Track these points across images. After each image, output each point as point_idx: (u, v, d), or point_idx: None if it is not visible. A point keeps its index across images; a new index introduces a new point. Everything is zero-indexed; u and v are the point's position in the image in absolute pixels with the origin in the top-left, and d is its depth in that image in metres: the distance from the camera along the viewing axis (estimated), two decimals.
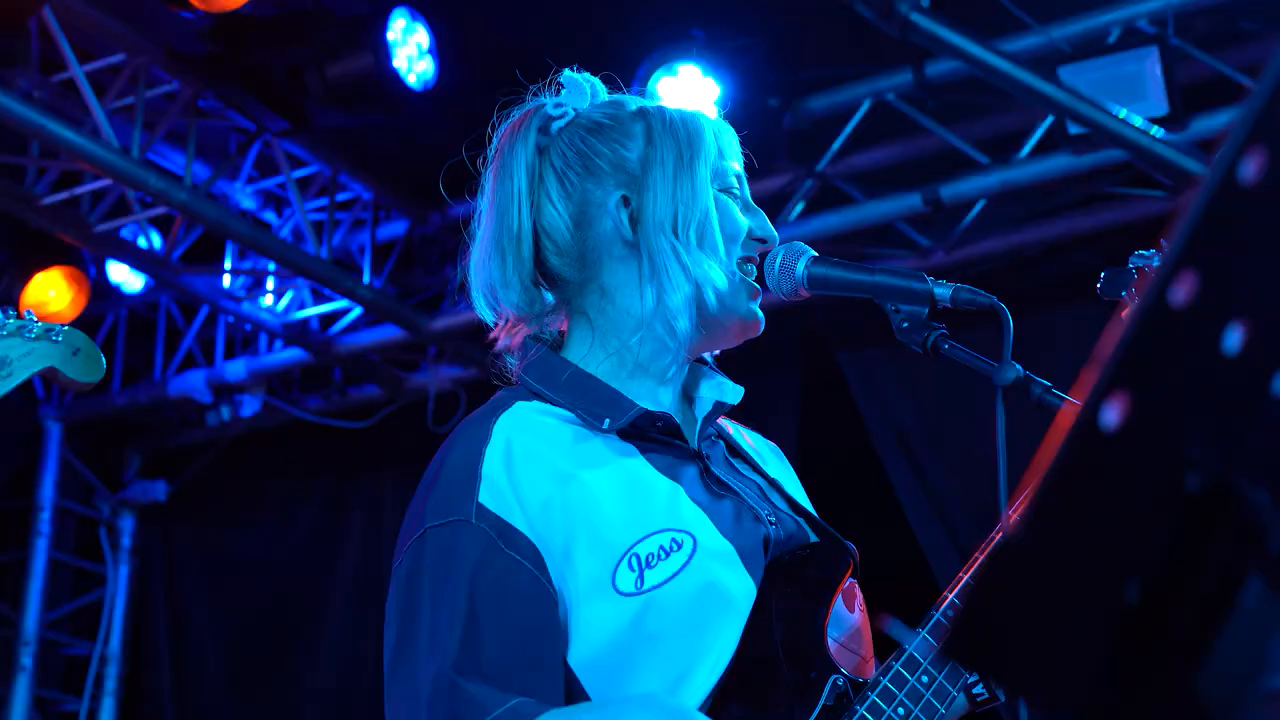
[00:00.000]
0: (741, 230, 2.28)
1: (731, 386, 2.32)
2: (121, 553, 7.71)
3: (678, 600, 2.03)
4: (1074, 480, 0.91)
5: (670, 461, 2.19)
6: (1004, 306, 2.24)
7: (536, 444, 2.11)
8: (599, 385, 2.21)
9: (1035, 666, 0.94)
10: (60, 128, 5.32)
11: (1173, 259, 0.89)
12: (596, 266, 2.25)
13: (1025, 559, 0.90)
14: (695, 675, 2.03)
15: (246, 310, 6.87)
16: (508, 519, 2.03)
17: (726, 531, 2.12)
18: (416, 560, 2.06)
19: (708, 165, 2.24)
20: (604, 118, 2.29)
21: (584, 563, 2.04)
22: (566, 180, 2.25)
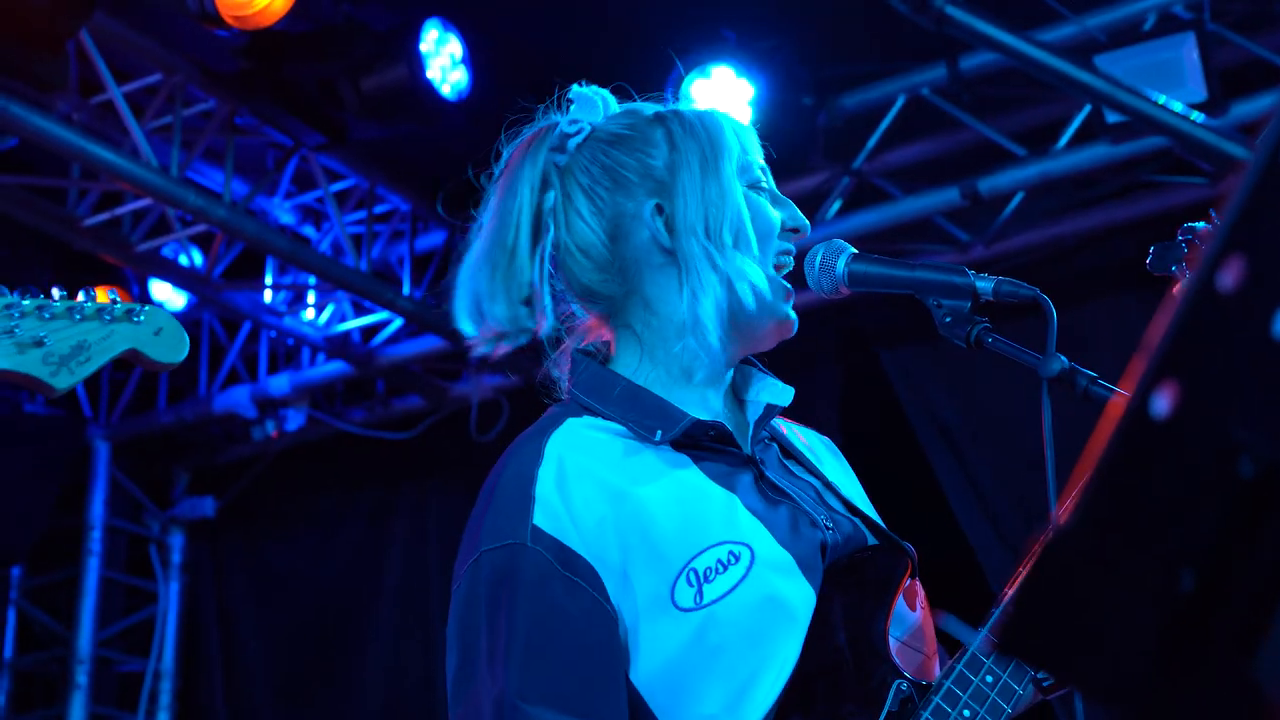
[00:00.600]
0: (775, 224, 2.26)
1: (782, 388, 2.30)
2: (172, 569, 7.76)
3: (738, 613, 2.02)
4: (1125, 470, 0.91)
5: (724, 470, 2.17)
6: (1047, 298, 2.22)
7: (589, 461, 2.10)
8: (650, 397, 2.19)
9: (1090, 658, 0.94)
10: (100, 149, 5.36)
11: (1220, 243, 0.89)
12: (637, 278, 2.22)
13: (1078, 551, 0.90)
14: (758, 688, 2.02)
15: (288, 324, 6.91)
16: (563, 540, 2.01)
17: (784, 540, 2.11)
18: (474, 585, 2.04)
19: (732, 163, 2.22)
20: (623, 129, 2.26)
21: (642, 580, 2.02)
22: (596, 196, 2.23)
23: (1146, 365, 0.89)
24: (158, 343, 2.21)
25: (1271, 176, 0.90)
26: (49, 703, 7.30)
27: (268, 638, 7.66)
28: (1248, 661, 0.97)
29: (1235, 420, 0.95)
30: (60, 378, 2.13)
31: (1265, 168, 0.90)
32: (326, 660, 7.47)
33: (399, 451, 7.39)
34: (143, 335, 2.20)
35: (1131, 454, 0.90)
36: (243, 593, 7.79)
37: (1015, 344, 2.25)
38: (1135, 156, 5.49)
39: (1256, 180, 0.89)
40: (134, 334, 2.19)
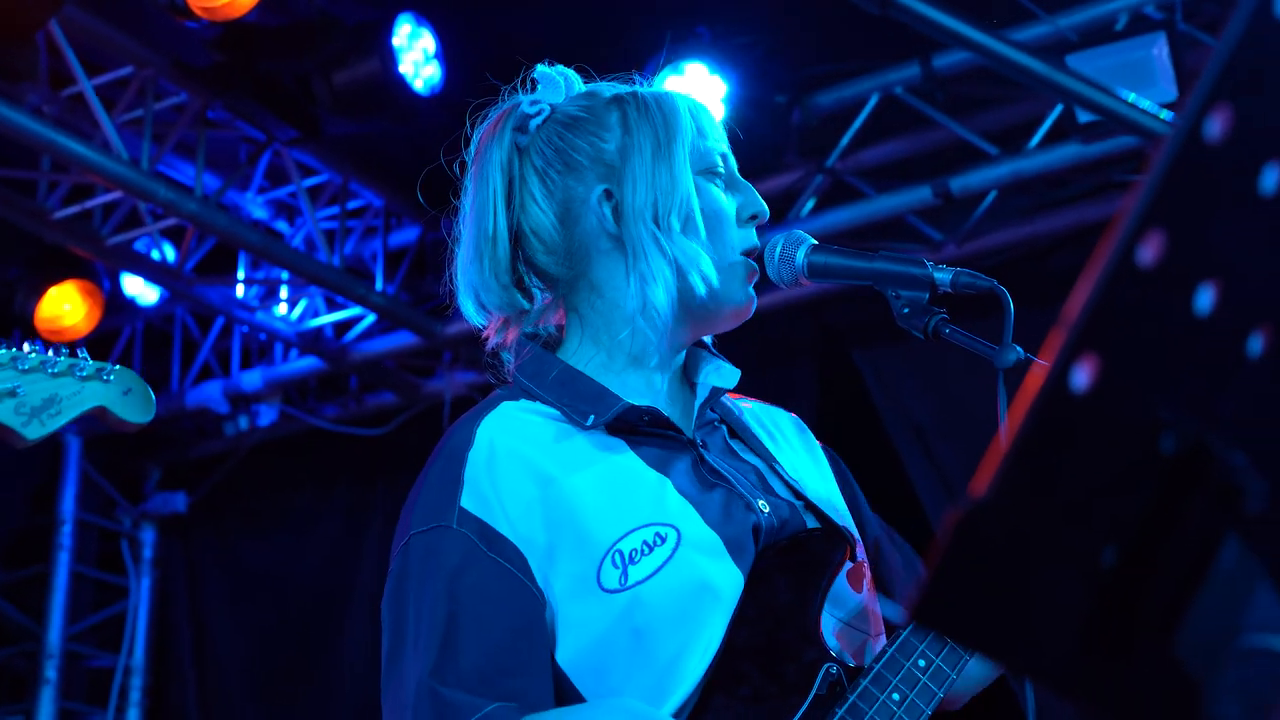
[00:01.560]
0: (728, 211, 2.26)
1: (729, 370, 2.30)
2: (143, 564, 7.74)
3: (663, 594, 2.02)
4: (1044, 444, 0.90)
5: (662, 454, 2.17)
6: (1004, 289, 2.23)
7: (520, 444, 2.10)
8: (586, 381, 2.20)
9: (1011, 633, 0.93)
10: (70, 141, 5.34)
11: (1139, 217, 0.89)
12: (585, 262, 2.24)
13: (995, 524, 0.90)
14: (683, 668, 2.02)
15: (261, 320, 6.88)
16: (490, 522, 2.03)
17: (714, 522, 2.11)
18: (403, 567, 2.07)
19: (686, 148, 2.22)
20: (580, 110, 2.27)
21: (568, 562, 2.04)
22: (548, 178, 2.24)
23: (1065, 337, 0.89)
24: (126, 402, 2.30)
25: (1190, 152, 0.90)
26: (18, 697, 7.26)
27: (240, 634, 7.64)
28: (1170, 639, 0.97)
29: (1157, 396, 0.95)
30: (31, 428, 2.22)
31: (1184, 142, 0.90)
32: (299, 657, 7.45)
33: (372, 448, 7.37)
34: (112, 395, 2.29)
35: (1050, 428, 0.90)
36: (215, 588, 7.76)
37: (972, 335, 2.26)
38: (1107, 156, 5.50)
39: (1175, 154, 0.89)
40: (104, 393, 2.29)
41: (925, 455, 6.24)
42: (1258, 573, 0.95)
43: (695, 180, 2.23)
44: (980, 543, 0.89)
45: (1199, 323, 0.93)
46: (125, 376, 2.29)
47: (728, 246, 2.24)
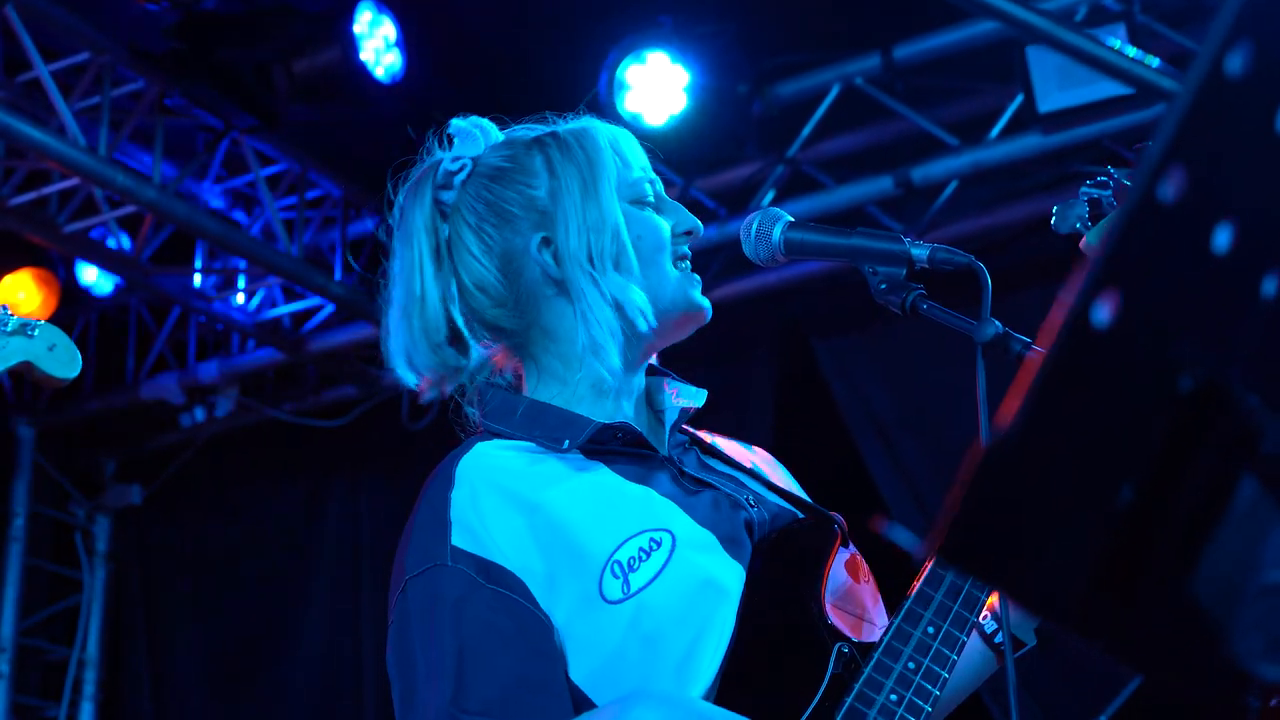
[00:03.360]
0: (664, 235, 2.27)
1: (694, 391, 2.33)
2: (97, 557, 7.67)
3: (667, 596, 2.03)
4: (1066, 379, 0.91)
5: (640, 470, 2.19)
6: (981, 265, 2.24)
7: (499, 478, 2.12)
8: (554, 410, 2.22)
9: (1028, 570, 0.94)
10: (26, 126, 5.28)
11: (1161, 152, 0.89)
12: (535, 311, 2.25)
13: (1017, 459, 0.90)
14: (697, 665, 2.02)
15: (218, 309, 6.83)
16: (484, 555, 2.03)
17: (705, 521, 2.12)
18: (404, 614, 2.06)
19: (611, 183, 2.24)
20: (503, 160, 2.28)
21: (569, 582, 2.03)
22: (484, 234, 2.25)
23: (1088, 272, 0.89)
24: (51, 358, 2.28)
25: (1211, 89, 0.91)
26: None
27: (195, 627, 7.58)
28: (1186, 577, 0.98)
29: (1175, 335, 0.96)
30: None
31: (1205, 79, 0.90)
32: (255, 651, 7.40)
33: (330, 440, 7.33)
34: (37, 349, 2.27)
35: (1072, 362, 0.90)
36: (170, 581, 7.70)
37: (950, 310, 2.27)
38: (1066, 147, 5.54)
39: (1197, 90, 0.90)
40: (28, 348, 2.26)
41: (885, 446, 6.27)
42: (1274, 511, 0.96)
43: (628, 210, 2.25)
44: (1002, 478, 0.89)
45: (1216, 261, 0.94)
46: (49, 332, 2.27)
47: (664, 264, 2.27)
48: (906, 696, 2.01)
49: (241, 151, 6.42)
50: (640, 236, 2.24)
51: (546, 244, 2.22)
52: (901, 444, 6.25)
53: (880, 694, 2.01)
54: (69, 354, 2.29)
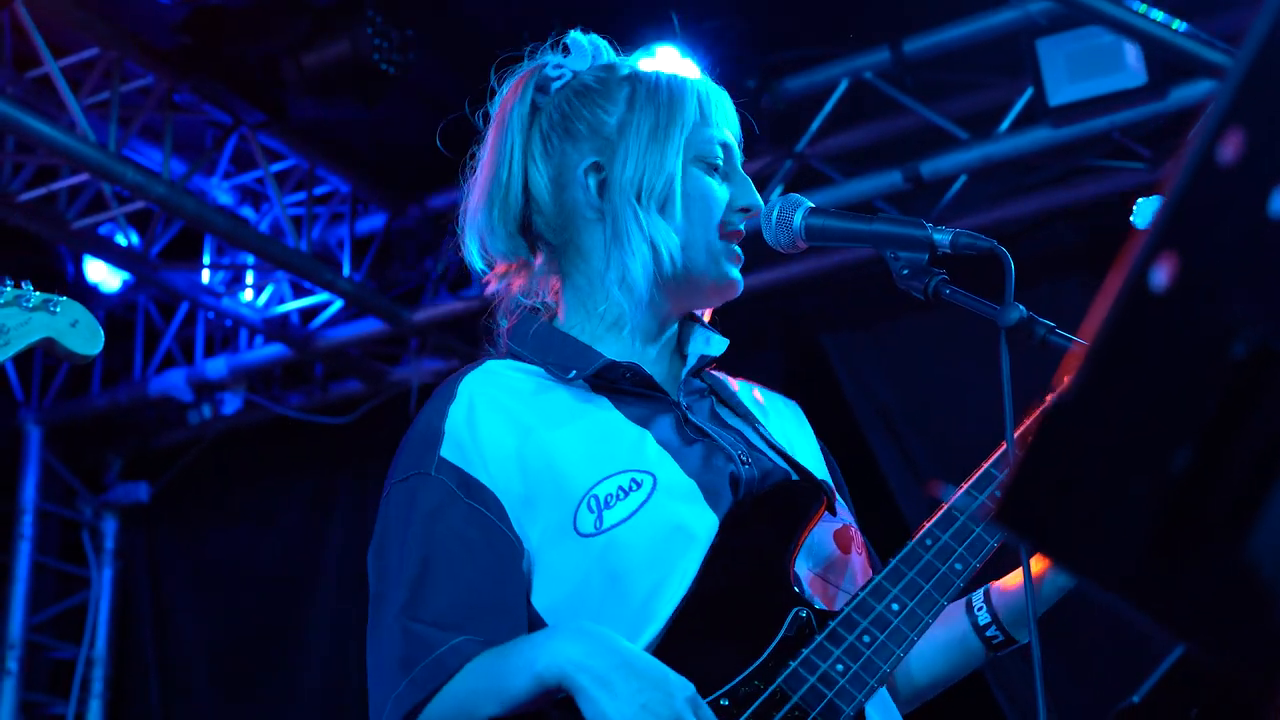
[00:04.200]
0: (718, 200, 2.31)
1: (717, 339, 2.36)
2: (105, 555, 7.66)
3: (637, 537, 2.06)
4: (1123, 342, 0.90)
5: (645, 412, 2.23)
6: (1004, 249, 2.25)
7: (500, 396, 2.17)
8: (568, 340, 2.27)
9: (1083, 536, 0.93)
10: (36, 122, 5.28)
11: (1221, 114, 0.89)
12: (572, 229, 2.30)
13: (1077, 422, 0.89)
14: (654, 610, 2.05)
15: (226, 306, 6.83)
16: (468, 470, 2.08)
17: (692, 471, 2.15)
18: (385, 516, 2.14)
19: (683, 134, 2.27)
20: (594, 81, 2.34)
21: (546, 509, 2.09)
22: (549, 143, 2.31)
23: (1148, 235, 0.89)
24: (73, 334, 2.28)
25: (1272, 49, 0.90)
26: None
27: (203, 625, 7.58)
28: (1241, 542, 0.97)
29: (1231, 299, 0.95)
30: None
31: (1266, 40, 0.90)
32: (263, 648, 7.40)
33: (338, 436, 7.33)
34: (59, 325, 2.27)
35: (1129, 325, 0.90)
36: (178, 579, 7.70)
37: (972, 295, 2.26)
38: (1076, 140, 5.53)
39: (1257, 52, 0.89)
40: (51, 323, 2.26)
41: (894, 441, 6.26)
42: None
43: (687, 166, 2.27)
44: (1061, 441, 0.89)
45: (1274, 226, 0.94)
46: (72, 308, 2.27)
47: (710, 230, 2.29)
48: (853, 668, 2.02)
49: (250, 148, 6.42)
50: (689, 194, 2.27)
51: (597, 170, 2.27)
52: (910, 439, 6.25)
53: (826, 662, 2.02)
54: (91, 330, 2.29)
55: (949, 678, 2.34)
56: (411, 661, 1.99)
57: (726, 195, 2.32)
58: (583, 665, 1.89)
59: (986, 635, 2.28)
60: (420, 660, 1.98)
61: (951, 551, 2.11)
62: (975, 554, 2.12)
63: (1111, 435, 0.92)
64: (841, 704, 1.99)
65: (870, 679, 2.01)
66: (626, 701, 1.85)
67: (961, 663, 2.31)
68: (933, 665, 2.31)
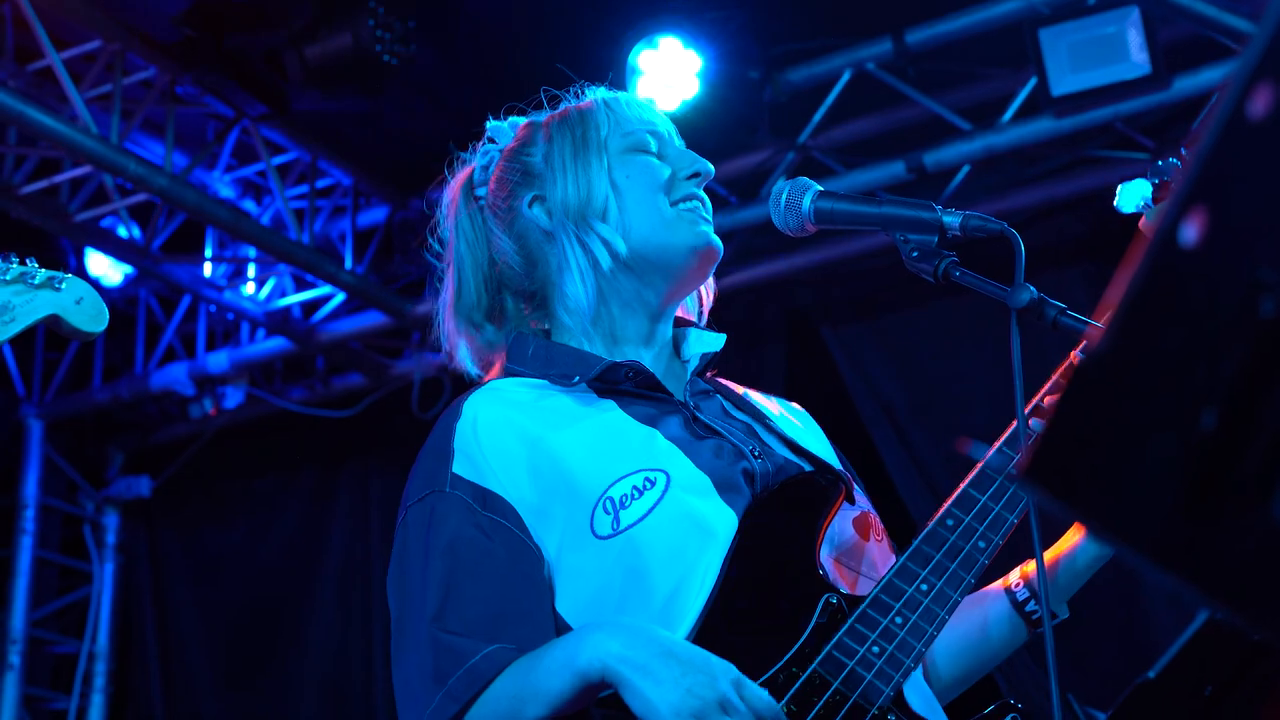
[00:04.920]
0: (659, 176, 2.35)
1: (713, 336, 2.41)
2: (106, 550, 7.66)
3: (655, 535, 2.07)
4: (1153, 297, 0.90)
5: (652, 412, 2.25)
6: (1014, 231, 2.24)
7: (505, 410, 2.20)
8: (568, 350, 2.32)
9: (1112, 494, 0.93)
10: (38, 114, 5.27)
11: (1250, 69, 0.88)
12: (543, 267, 2.37)
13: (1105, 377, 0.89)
14: (680, 606, 2.05)
15: (228, 299, 6.82)
16: (481, 483, 2.10)
17: (704, 466, 2.16)
18: (403, 538, 2.15)
19: (600, 136, 2.36)
20: (515, 142, 2.45)
21: (561, 515, 2.10)
22: (499, 210, 2.40)
23: (1178, 189, 0.88)
24: (78, 311, 2.28)
25: None
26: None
27: (205, 619, 7.57)
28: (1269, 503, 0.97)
29: (1259, 256, 0.94)
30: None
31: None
32: (265, 642, 7.39)
33: (340, 430, 7.32)
34: (64, 302, 2.27)
35: (1158, 281, 0.89)
36: (179, 574, 7.69)
37: (982, 277, 2.26)
38: (1079, 131, 5.53)
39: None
40: (56, 301, 2.26)
41: (896, 434, 6.26)
42: None
43: (617, 159, 2.35)
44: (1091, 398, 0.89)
45: None
46: (76, 285, 2.27)
47: (656, 203, 2.34)
48: (889, 650, 2.02)
49: (251, 141, 6.41)
50: (630, 176, 2.33)
51: (540, 201, 2.35)
52: (913, 431, 6.24)
53: (862, 645, 2.02)
54: (96, 308, 2.29)
55: (995, 657, 2.34)
56: (444, 674, 1.99)
57: (667, 171, 2.37)
58: (624, 657, 1.89)
59: (1026, 610, 2.29)
60: (453, 672, 1.98)
61: (974, 531, 2.11)
62: (997, 531, 2.12)
63: (1140, 392, 0.91)
64: (880, 684, 2.00)
65: (906, 659, 2.02)
66: (671, 688, 1.85)
67: (1005, 642, 2.32)
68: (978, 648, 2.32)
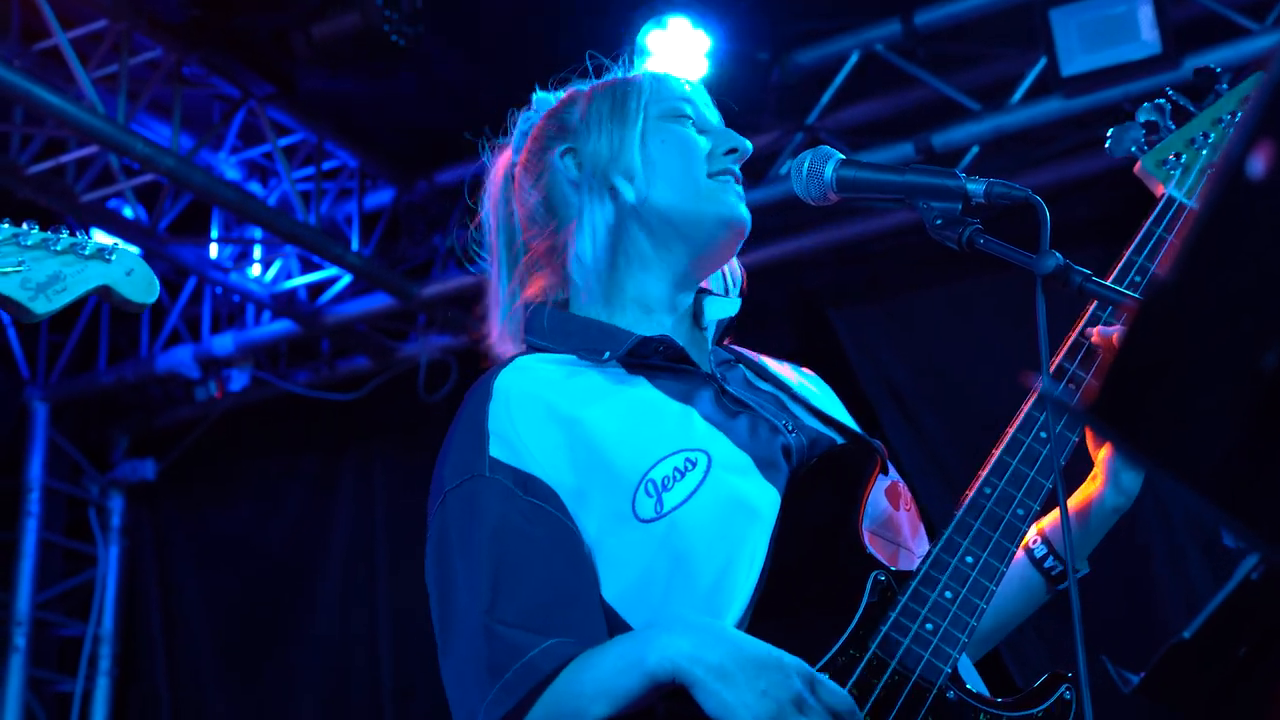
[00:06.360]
0: (695, 147, 2.33)
1: (729, 300, 2.38)
2: (111, 533, 7.65)
3: (699, 517, 2.04)
4: (1219, 230, 0.89)
5: (683, 387, 2.21)
6: (1038, 198, 2.24)
7: (537, 390, 2.16)
8: (593, 324, 2.28)
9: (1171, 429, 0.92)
10: (46, 93, 5.25)
11: None
12: (563, 223, 2.33)
13: (1170, 309, 0.88)
14: (729, 590, 2.02)
15: (234, 281, 6.81)
16: (520, 466, 2.07)
17: (742, 444, 2.13)
18: (443, 525, 2.11)
19: (640, 105, 2.33)
20: (557, 104, 2.43)
21: (601, 498, 2.06)
22: (530, 167, 2.38)
23: (1245, 121, 0.88)
24: (129, 282, 2.28)
25: None
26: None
27: (210, 602, 7.57)
28: None
29: None
30: (39, 303, 2.18)
31: None
32: (270, 625, 7.39)
33: (345, 413, 7.31)
34: (115, 274, 2.27)
35: (1225, 214, 0.89)
36: (184, 557, 7.69)
37: (1007, 244, 2.25)
38: (1089, 111, 5.51)
39: None
40: (107, 272, 2.26)
41: (904, 416, 6.25)
42: None
43: (654, 124, 2.32)
44: (1157, 330, 0.88)
45: None
46: (127, 257, 2.27)
47: (693, 174, 2.31)
48: (943, 626, 2.00)
49: (258, 122, 6.39)
50: (665, 142, 2.31)
51: (571, 154, 2.34)
52: (920, 414, 6.23)
53: (915, 623, 2.00)
54: (147, 280, 2.28)
55: (1015, 617, 2.33)
56: (501, 667, 1.95)
57: (707, 144, 2.34)
58: (696, 658, 1.86)
59: (1045, 567, 2.27)
60: (511, 665, 1.95)
61: (1011, 498, 2.10)
62: (1034, 498, 2.11)
63: (1204, 328, 0.91)
64: (939, 663, 1.98)
65: (961, 634, 2.00)
66: (745, 689, 1.82)
67: (1026, 599, 2.31)
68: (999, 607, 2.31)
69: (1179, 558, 5.52)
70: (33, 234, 2.21)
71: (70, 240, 2.23)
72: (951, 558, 2.04)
